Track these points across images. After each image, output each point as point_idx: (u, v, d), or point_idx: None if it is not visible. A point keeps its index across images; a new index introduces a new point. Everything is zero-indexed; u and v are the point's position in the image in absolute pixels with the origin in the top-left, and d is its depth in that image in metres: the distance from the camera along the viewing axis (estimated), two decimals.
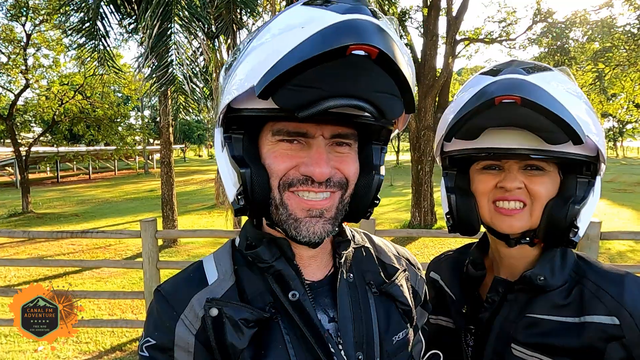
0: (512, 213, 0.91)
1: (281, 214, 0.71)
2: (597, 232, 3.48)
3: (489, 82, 0.85)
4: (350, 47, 0.55)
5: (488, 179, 0.94)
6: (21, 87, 14.02)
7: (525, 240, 0.93)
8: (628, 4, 10.57)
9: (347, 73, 0.59)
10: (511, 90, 0.79)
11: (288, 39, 0.60)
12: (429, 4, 10.63)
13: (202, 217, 12.52)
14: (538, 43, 13.18)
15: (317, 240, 0.71)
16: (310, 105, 0.60)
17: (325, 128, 0.69)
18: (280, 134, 0.70)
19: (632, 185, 19.25)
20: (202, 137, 44.99)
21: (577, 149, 0.83)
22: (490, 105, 0.80)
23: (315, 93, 0.59)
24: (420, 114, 10.56)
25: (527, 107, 0.77)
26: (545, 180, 0.89)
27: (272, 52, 0.61)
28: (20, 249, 8.81)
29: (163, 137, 8.90)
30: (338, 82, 0.59)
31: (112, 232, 4.31)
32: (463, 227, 1.00)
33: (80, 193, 19.23)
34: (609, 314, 0.82)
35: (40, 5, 12.80)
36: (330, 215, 0.72)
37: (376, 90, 0.61)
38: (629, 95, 13.15)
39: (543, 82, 0.82)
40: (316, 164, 0.68)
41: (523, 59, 1.02)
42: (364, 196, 0.76)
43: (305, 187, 0.70)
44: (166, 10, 4.81)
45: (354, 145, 0.75)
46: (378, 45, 0.56)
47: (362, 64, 0.58)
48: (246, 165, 0.70)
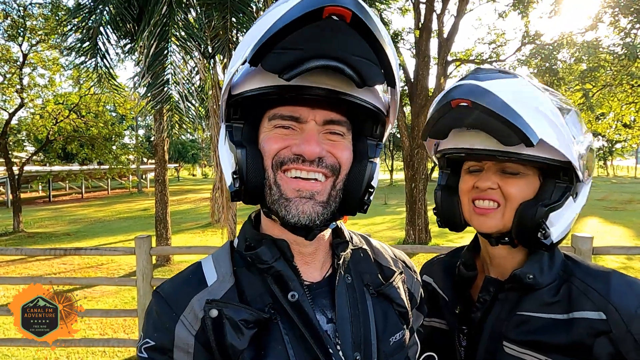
0: (485, 212, 0.96)
1: (274, 194, 0.73)
2: (590, 247, 3.51)
3: (452, 87, 0.93)
4: (325, 9, 0.59)
5: (469, 179, 1.00)
6: (16, 107, 14.02)
7: (505, 240, 0.97)
8: (613, 26, 10.91)
9: (325, 35, 0.62)
10: (464, 94, 0.87)
11: (274, 12, 0.64)
12: (421, 26, 10.90)
13: (195, 235, 12.42)
14: (527, 64, 13.47)
15: (306, 221, 0.71)
16: (294, 66, 0.63)
17: (317, 112, 0.72)
18: (275, 118, 0.73)
19: (622, 204, 19.44)
20: (196, 157, 44.93)
21: (538, 151, 0.87)
22: (448, 107, 0.89)
23: (298, 54, 0.63)
24: (414, 133, 10.69)
25: (479, 110, 0.84)
26: (520, 182, 0.94)
27: (260, 26, 0.65)
28: (11, 268, 8.65)
29: (158, 155, 8.89)
30: (317, 43, 0.63)
31: (105, 249, 4.26)
32: (447, 222, 1.07)
33: (72, 212, 19.00)
34: (596, 310, 0.85)
35: (37, 26, 12.92)
36: (321, 198, 0.73)
37: (354, 53, 0.64)
38: (617, 115, 13.42)
39: (496, 87, 0.87)
40: (306, 142, 0.71)
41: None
42: (357, 182, 0.77)
43: (295, 165, 0.72)
44: (163, 30, 4.90)
45: (347, 135, 0.77)
46: (351, 8, 0.60)
47: (338, 26, 0.62)
48: (242, 147, 0.73)
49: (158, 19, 4.83)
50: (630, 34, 10.47)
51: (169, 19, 4.88)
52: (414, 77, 11.01)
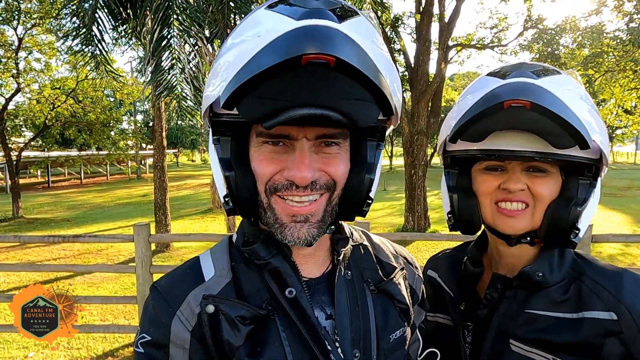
0: (514, 214, 0.91)
1: (269, 218, 0.72)
2: (589, 234, 3.53)
3: (497, 85, 0.85)
4: (304, 57, 0.53)
5: (491, 180, 0.94)
6: (12, 91, 13.89)
7: (526, 240, 0.93)
8: (617, 11, 10.76)
9: (307, 82, 0.56)
10: (521, 94, 0.79)
11: (246, 48, 0.59)
12: (422, 10, 10.73)
13: (195, 222, 12.45)
14: (529, 49, 13.35)
15: (303, 244, 0.70)
16: (274, 114, 0.58)
17: (308, 130, 0.67)
18: (263, 135, 0.69)
19: (622, 190, 19.46)
20: (196, 142, 44.76)
21: (582, 152, 0.84)
22: (499, 108, 0.80)
23: (278, 104, 0.58)
24: (414, 119, 10.63)
25: (536, 111, 0.77)
26: (548, 181, 0.90)
27: (232, 62, 0.61)
28: (10, 254, 8.69)
29: (156, 141, 8.85)
30: (299, 92, 0.57)
31: (104, 237, 4.28)
32: (464, 226, 1.00)
33: (71, 198, 19.03)
34: (607, 310, 0.83)
35: (32, 9, 12.71)
36: (316, 219, 0.71)
37: (343, 97, 0.58)
38: (619, 101, 13.34)
39: (552, 86, 0.82)
40: (297, 168, 0.66)
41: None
42: (354, 196, 0.74)
43: (289, 192, 0.69)
44: (165, 14, 4.82)
45: (344, 144, 0.73)
46: (334, 54, 0.53)
47: (321, 72, 0.55)
48: (231, 169, 0.70)
49: (160, 2, 4.75)
50: (635, 19, 10.32)
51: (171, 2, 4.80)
52: (415, 63, 10.89)
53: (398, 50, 12.99)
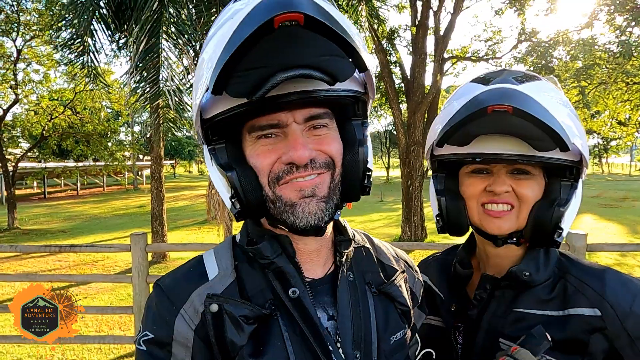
0: (500, 215, 0.94)
1: (278, 207, 0.72)
2: (584, 244, 3.52)
3: (481, 91, 0.88)
4: (275, 20, 0.56)
5: (477, 183, 0.97)
6: (10, 102, 13.92)
7: (512, 240, 0.96)
8: (608, 24, 10.96)
9: (284, 45, 0.60)
10: (503, 99, 0.82)
11: (225, 31, 0.62)
12: (418, 24, 10.90)
13: (191, 232, 12.40)
14: (523, 61, 13.52)
15: (314, 221, 0.70)
16: (259, 85, 0.60)
17: (295, 113, 0.70)
18: (255, 129, 0.71)
19: (617, 201, 19.57)
20: (193, 153, 44.76)
21: (563, 154, 0.87)
22: (483, 113, 0.83)
23: (262, 71, 0.60)
24: (410, 130, 10.70)
25: (519, 116, 0.81)
26: (532, 183, 0.93)
27: (213, 52, 0.63)
28: (5, 265, 8.61)
29: (154, 152, 8.87)
30: (278, 54, 0.60)
31: (101, 246, 4.25)
32: (452, 228, 1.03)
33: (67, 209, 18.92)
34: (592, 307, 0.85)
35: (31, 21, 12.82)
36: (322, 193, 0.72)
37: (319, 54, 0.62)
38: (612, 112, 13.50)
39: (533, 91, 0.86)
40: (293, 148, 0.69)
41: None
42: (354, 171, 0.76)
43: (291, 176, 0.70)
44: (154, 26, 4.85)
45: (331, 125, 0.75)
46: (302, 10, 0.56)
47: (295, 32, 0.59)
48: (232, 169, 0.72)
49: (149, 15, 4.80)
50: (626, 32, 10.51)
51: (160, 15, 4.85)
52: (411, 75, 11.01)
53: (394, 62, 13.15)
